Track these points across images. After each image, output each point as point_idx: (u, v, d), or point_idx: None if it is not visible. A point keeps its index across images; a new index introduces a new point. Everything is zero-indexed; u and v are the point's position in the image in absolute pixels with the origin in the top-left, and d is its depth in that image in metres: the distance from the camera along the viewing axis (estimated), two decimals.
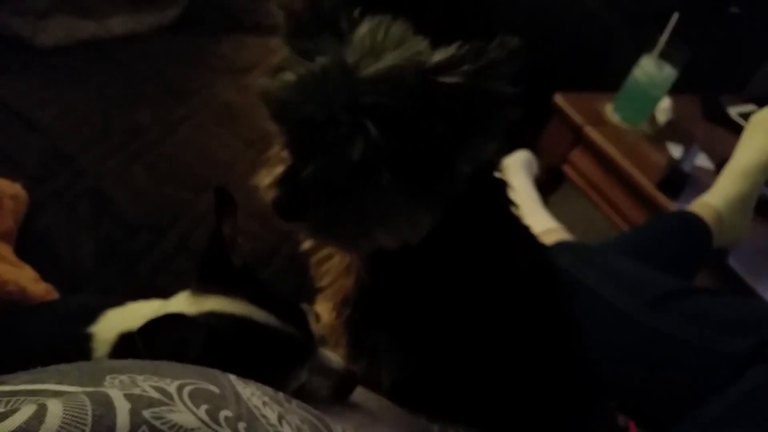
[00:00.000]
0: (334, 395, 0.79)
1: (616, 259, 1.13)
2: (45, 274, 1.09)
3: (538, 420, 0.84)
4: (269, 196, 0.78)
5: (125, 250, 1.17)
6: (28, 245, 1.15)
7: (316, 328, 0.79)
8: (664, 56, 1.79)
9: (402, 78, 0.70)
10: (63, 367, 0.48)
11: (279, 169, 0.77)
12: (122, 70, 1.53)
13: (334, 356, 0.81)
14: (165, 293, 0.83)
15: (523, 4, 2.34)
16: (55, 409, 0.37)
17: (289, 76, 0.72)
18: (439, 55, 0.72)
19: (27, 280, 1.03)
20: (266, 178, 0.79)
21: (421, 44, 0.75)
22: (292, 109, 0.73)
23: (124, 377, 0.45)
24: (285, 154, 0.77)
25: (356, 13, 0.76)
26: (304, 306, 0.81)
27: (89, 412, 0.38)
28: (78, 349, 0.79)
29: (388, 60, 0.70)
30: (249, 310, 0.75)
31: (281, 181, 0.76)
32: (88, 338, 0.80)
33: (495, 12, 2.32)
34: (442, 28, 0.76)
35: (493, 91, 0.70)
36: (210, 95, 1.55)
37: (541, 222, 1.26)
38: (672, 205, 1.65)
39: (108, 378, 0.45)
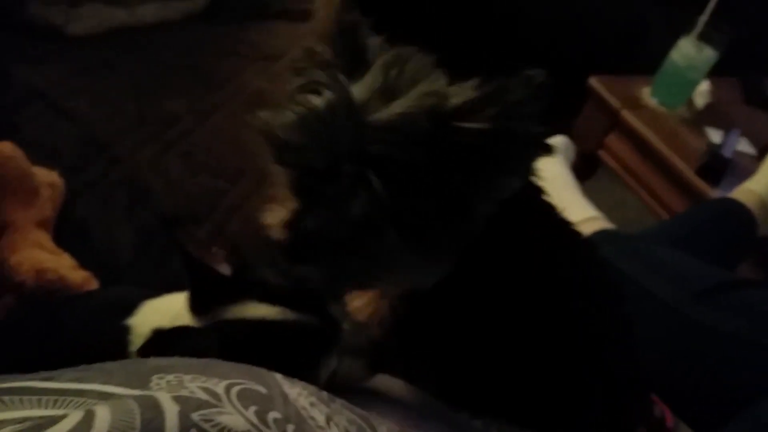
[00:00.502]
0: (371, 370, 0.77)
1: (659, 249, 1.10)
2: (82, 263, 1.09)
3: (579, 414, 0.82)
4: (278, 236, 0.71)
5: (161, 240, 1.17)
6: (66, 234, 1.15)
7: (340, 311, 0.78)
8: (704, 38, 1.74)
9: (416, 125, 0.62)
10: (108, 365, 0.47)
11: (284, 212, 0.70)
12: (153, 58, 1.53)
13: (360, 330, 0.79)
14: None
15: None
16: (103, 414, 0.37)
17: (291, 114, 0.65)
18: (457, 97, 0.63)
19: (66, 268, 1.03)
20: (274, 218, 0.72)
21: (439, 82, 0.67)
22: (293, 153, 0.65)
23: (170, 377, 0.44)
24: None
25: (376, 42, 0.69)
26: None
27: (137, 417, 0.37)
28: (116, 341, 0.79)
29: (401, 104, 0.62)
30: (260, 310, 0.73)
31: (287, 225, 0.69)
32: (126, 330, 0.79)
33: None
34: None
35: (520, 133, 0.61)
36: (240, 83, 1.54)
37: (580, 211, 1.23)
38: (712, 192, 1.61)
39: (155, 378, 0.44)
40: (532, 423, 0.77)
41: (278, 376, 0.51)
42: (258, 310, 0.73)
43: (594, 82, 1.91)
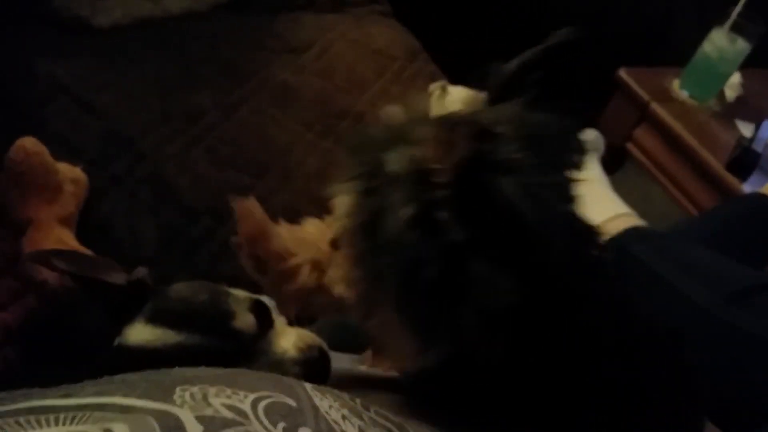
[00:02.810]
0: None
1: (690, 248, 1.07)
2: None
3: None
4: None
5: (186, 236, 1.17)
6: (89, 230, 1.15)
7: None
8: (737, 29, 1.70)
9: None
10: (130, 377, 0.46)
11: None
12: (179, 51, 1.52)
13: (295, 342, 0.75)
14: (225, 280, 0.82)
15: None
16: None
17: None
18: None
19: None
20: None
21: None
22: None
23: (195, 389, 0.43)
24: None
25: None
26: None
27: None
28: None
29: None
30: (143, 334, 0.70)
31: None
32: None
33: None
34: None
35: None
36: (267, 76, 1.53)
37: (611, 207, 1.20)
38: (742, 187, 1.58)
39: (178, 390, 0.43)
40: None
41: (308, 386, 0.49)
42: (140, 334, 0.70)
43: (623, 73, 1.87)
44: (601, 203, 1.21)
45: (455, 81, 1.67)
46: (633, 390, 0.74)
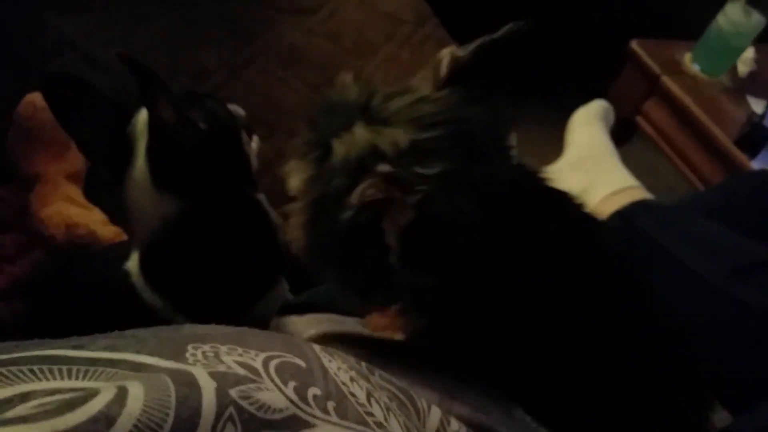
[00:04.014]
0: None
1: (697, 221, 1.06)
2: (113, 217, 1.09)
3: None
4: None
5: None
6: (97, 186, 1.15)
7: None
8: (753, 2, 1.68)
9: None
10: (141, 332, 0.46)
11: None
12: (187, 8, 1.51)
13: None
14: None
15: None
16: (136, 392, 0.35)
17: None
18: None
19: (96, 223, 1.04)
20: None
21: None
22: None
23: (206, 347, 0.43)
24: None
25: None
26: None
27: (172, 394, 0.36)
28: (123, 286, 0.82)
29: None
30: None
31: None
32: (127, 275, 0.82)
33: None
34: None
35: None
36: (275, 37, 1.52)
37: (619, 179, 1.19)
38: (751, 164, 1.57)
39: (190, 348, 0.42)
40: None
41: (317, 348, 0.49)
42: None
43: (635, 45, 1.85)
44: (609, 175, 1.20)
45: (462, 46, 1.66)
46: (636, 379, 0.75)
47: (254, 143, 0.87)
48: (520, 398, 0.72)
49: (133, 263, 0.82)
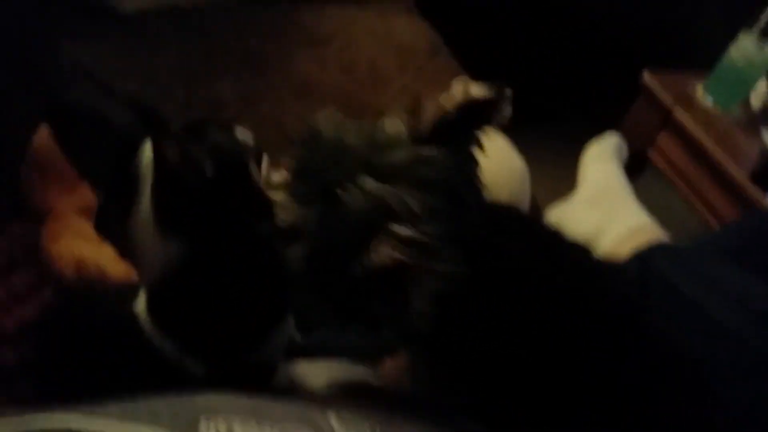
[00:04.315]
0: None
1: (716, 264, 1.05)
2: (123, 253, 1.08)
3: None
4: None
5: None
6: (108, 221, 1.15)
7: None
8: (766, 35, 1.68)
9: None
10: (154, 403, 0.45)
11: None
12: (204, 39, 1.52)
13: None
14: None
15: None
16: None
17: None
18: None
19: (106, 259, 1.03)
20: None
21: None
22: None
23: (220, 420, 0.43)
24: None
25: None
26: None
27: None
28: (130, 328, 0.82)
29: None
30: None
31: None
32: (135, 318, 0.82)
33: None
34: None
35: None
36: (289, 68, 1.53)
37: (634, 218, 1.18)
38: (765, 199, 1.56)
39: (203, 420, 0.42)
40: None
41: (333, 418, 0.49)
42: None
43: (647, 77, 1.85)
44: (624, 213, 1.19)
45: (476, 78, 1.66)
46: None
47: (264, 164, 0.86)
48: None
49: (140, 305, 0.82)
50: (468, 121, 0.72)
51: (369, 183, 0.66)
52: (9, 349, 0.92)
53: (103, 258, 1.02)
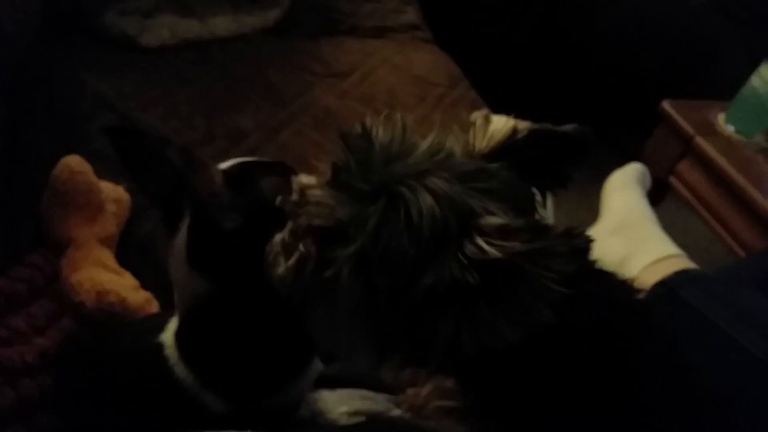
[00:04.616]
0: None
1: (747, 294, 1.03)
2: (146, 281, 1.08)
3: None
4: None
5: None
6: (130, 250, 1.15)
7: None
8: None
9: None
10: None
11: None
12: (224, 72, 1.54)
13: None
14: None
15: (624, 10, 2.26)
16: None
17: None
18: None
19: (127, 288, 1.03)
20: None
21: None
22: None
23: None
24: None
25: None
26: None
27: None
28: (156, 358, 0.81)
29: None
30: None
31: None
32: (161, 347, 0.81)
33: (595, 19, 2.25)
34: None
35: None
36: (309, 100, 1.55)
37: (661, 247, 1.16)
38: None
39: None
40: None
41: None
42: None
43: (667, 106, 1.84)
44: (650, 243, 1.17)
45: (495, 109, 1.66)
46: None
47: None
48: None
49: (168, 334, 0.81)
50: (546, 155, 0.66)
51: (439, 183, 0.59)
52: (29, 380, 0.91)
53: (123, 286, 1.01)
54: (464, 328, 0.58)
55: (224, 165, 0.79)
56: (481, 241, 0.55)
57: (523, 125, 0.68)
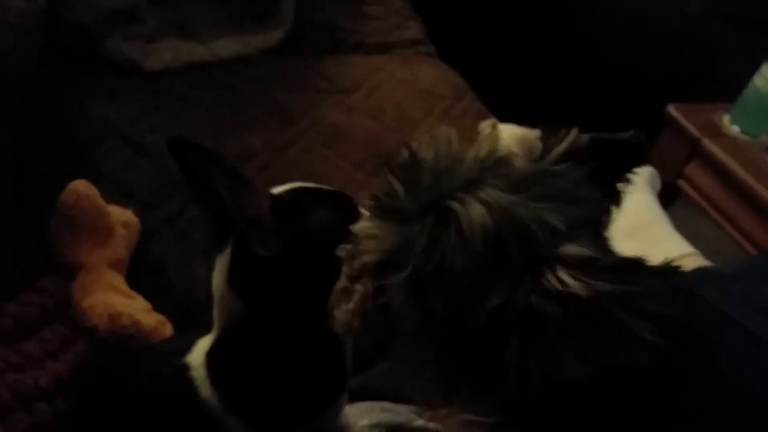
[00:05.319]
0: None
1: (761, 287, 1.03)
2: (157, 304, 1.08)
3: None
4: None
5: None
6: (141, 274, 1.15)
7: None
8: None
9: None
10: None
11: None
12: (230, 93, 1.54)
13: None
14: None
15: (625, 18, 2.26)
16: None
17: None
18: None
19: (140, 311, 1.03)
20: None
21: None
22: None
23: None
24: None
25: None
26: None
27: None
28: (180, 379, 0.80)
29: None
30: None
31: None
32: (186, 368, 0.80)
33: (597, 28, 2.25)
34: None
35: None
36: (316, 117, 1.55)
37: (675, 247, 1.16)
38: None
39: None
40: None
41: None
42: None
43: (672, 109, 1.84)
44: (664, 243, 1.17)
45: (502, 119, 1.66)
46: None
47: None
48: None
49: (196, 355, 0.81)
50: (608, 164, 0.63)
51: (491, 193, 0.54)
52: (44, 404, 0.90)
53: (136, 309, 1.01)
54: (532, 358, 0.53)
55: (280, 189, 0.78)
56: (564, 275, 0.51)
57: (533, 134, 0.66)
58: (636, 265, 0.53)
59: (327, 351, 0.78)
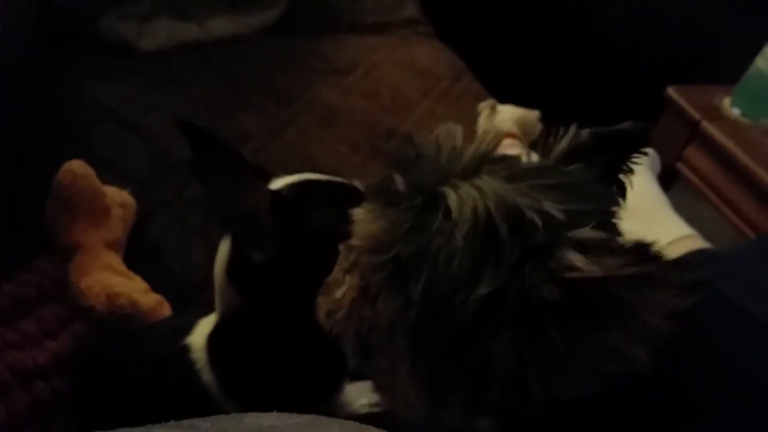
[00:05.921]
0: None
1: (761, 270, 1.02)
2: (154, 285, 1.07)
3: None
4: None
5: None
6: (138, 255, 1.14)
7: None
8: None
9: None
10: (199, 423, 0.43)
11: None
12: (225, 73, 1.53)
13: None
14: None
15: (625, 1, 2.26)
16: None
17: None
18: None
19: (138, 291, 1.02)
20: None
21: None
22: None
23: None
24: None
25: None
26: None
27: None
28: (181, 360, 0.80)
29: None
30: None
31: None
32: (187, 349, 0.80)
33: (597, 9, 2.24)
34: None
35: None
36: (312, 98, 1.53)
37: (674, 229, 1.15)
38: None
39: None
40: None
41: None
42: None
43: (672, 92, 1.83)
44: (664, 225, 1.16)
45: (499, 100, 1.65)
46: None
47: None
48: None
49: (196, 337, 0.81)
50: (612, 157, 0.62)
51: (487, 180, 0.51)
52: (42, 383, 0.90)
53: (134, 289, 1.01)
54: (529, 363, 0.49)
55: (285, 181, 0.77)
56: (576, 258, 0.47)
57: (532, 115, 0.66)
58: (649, 249, 0.52)
59: (325, 344, 0.78)
